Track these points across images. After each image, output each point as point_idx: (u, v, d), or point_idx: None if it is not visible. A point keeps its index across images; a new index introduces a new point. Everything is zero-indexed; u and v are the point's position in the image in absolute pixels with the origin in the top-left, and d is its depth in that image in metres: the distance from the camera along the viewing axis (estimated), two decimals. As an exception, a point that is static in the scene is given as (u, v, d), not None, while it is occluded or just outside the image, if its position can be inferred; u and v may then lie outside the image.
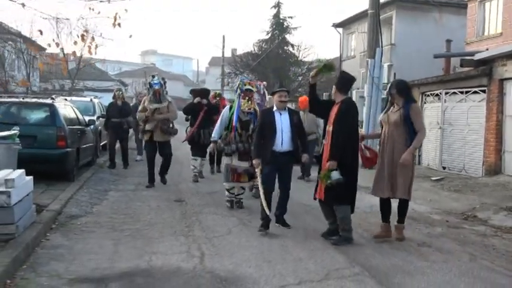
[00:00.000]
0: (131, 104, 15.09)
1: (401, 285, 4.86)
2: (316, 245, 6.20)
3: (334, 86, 6.48)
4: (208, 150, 8.79)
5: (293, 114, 7.07)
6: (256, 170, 6.98)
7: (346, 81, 6.56)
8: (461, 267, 5.52)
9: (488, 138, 12.16)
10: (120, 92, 13.48)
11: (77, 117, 11.45)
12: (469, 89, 13.03)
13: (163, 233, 6.60)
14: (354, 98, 16.15)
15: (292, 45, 39.05)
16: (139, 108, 10.24)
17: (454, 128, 13.51)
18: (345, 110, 6.24)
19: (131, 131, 14.68)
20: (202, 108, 11.02)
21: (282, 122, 6.87)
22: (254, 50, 39.75)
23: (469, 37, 18.73)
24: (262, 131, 6.88)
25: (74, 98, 16.76)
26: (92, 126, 12.39)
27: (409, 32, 23.34)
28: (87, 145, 11.58)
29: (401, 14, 24.30)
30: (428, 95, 15.07)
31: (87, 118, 12.31)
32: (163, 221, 7.26)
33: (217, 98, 12.63)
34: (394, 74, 20.07)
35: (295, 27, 39.16)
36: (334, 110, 6.32)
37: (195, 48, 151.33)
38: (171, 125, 10.06)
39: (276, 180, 6.99)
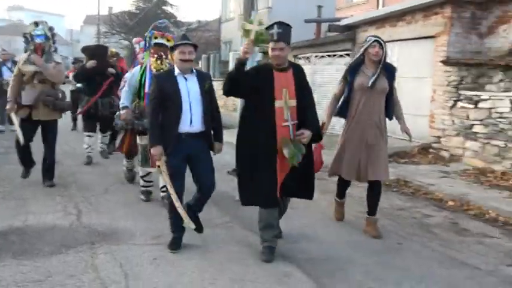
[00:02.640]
0: None
1: (267, 230, 5.39)
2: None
3: (280, 43, 4.56)
4: (121, 119, 6.31)
5: (203, 79, 4.90)
6: (158, 164, 4.84)
7: (290, 32, 4.68)
8: (321, 211, 6.23)
9: (352, 98, 13.22)
10: None
11: None
12: (336, 53, 13.99)
13: (38, 194, 6.59)
14: (231, 61, 16.48)
15: (171, 5, 38.57)
16: (14, 72, 7.08)
17: (324, 88, 14.45)
18: (304, 76, 4.89)
19: None
20: (106, 78, 8.91)
21: (190, 90, 4.76)
22: (132, 8, 38.67)
23: (339, 3, 19.80)
24: (159, 104, 4.73)
25: None
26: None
27: (286, -4, 24.03)
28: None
29: (278, -22, 24.90)
30: (300, 58, 15.89)
31: None
32: (38, 182, 7.17)
33: (114, 59, 10.10)
34: (270, 36, 20.70)
35: (174, -13, 38.63)
36: (284, 77, 4.66)
37: (68, 5, 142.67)
38: (59, 95, 7.03)
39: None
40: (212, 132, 4.95)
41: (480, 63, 9.20)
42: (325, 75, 14.36)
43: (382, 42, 5.32)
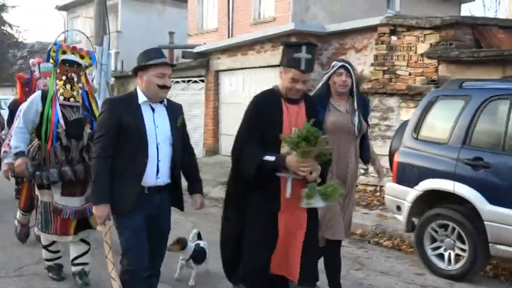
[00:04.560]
0: None
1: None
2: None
3: (306, 74, 3.37)
4: (15, 172, 4.48)
5: (175, 112, 3.54)
6: (98, 229, 3.44)
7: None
8: (186, 233, 6.41)
9: (207, 122, 13.72)
10: None
11: None
12: (191, 79, 14.39)
13: None
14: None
15: (11, 25, 36.22)
16: None
17: (178, 114, 14.72)
18: (316, 110, 3.65)
19: None
20: None
21: (157, 126, 3.37)
22: (-36, 27, 35.66)
23: (190, 30, 20.28)
24: (112, 143, 3.27)
25: None
26: None
27: (135, 20, 24.04)
28: None
29: (127, 2, 24.85)
30: (154, 83, 16.06)
31: None
32: None
33: None
34: (122, 61, 20.53)
35: (14, 6, 36.49)
36: (295, 112, 3.43)
37: None
38: None
39: None
40: (187, 181, 3.66)
41: (323, 90, 10.17)
42: (181, 101, 14.62)
43: (350, 67, 4.13)
